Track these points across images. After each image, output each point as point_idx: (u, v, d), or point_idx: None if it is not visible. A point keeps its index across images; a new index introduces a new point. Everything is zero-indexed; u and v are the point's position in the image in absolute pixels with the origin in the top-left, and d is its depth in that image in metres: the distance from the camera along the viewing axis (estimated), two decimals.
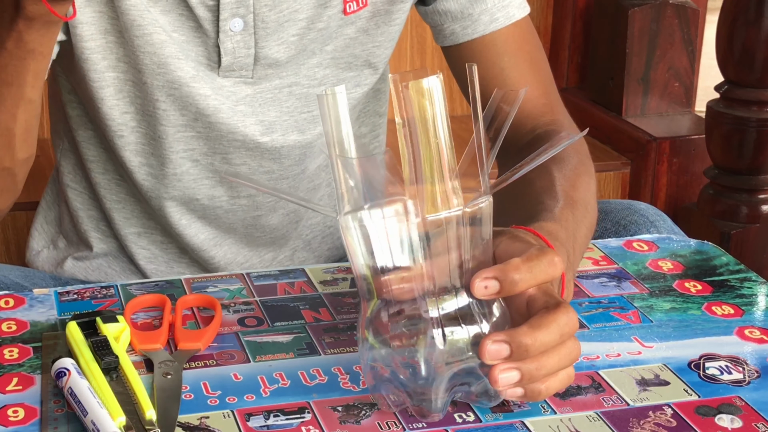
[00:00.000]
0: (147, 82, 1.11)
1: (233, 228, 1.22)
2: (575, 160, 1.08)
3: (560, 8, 2.56)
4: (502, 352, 0.77)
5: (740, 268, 1.06)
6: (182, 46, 1.11)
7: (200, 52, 1.12)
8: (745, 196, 2.20)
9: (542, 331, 0.78)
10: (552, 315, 0.79)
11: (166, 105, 1.12)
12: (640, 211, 1.18)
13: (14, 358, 0.89)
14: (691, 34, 2.40)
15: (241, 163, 1.16)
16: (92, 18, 1.09)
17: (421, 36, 2.37)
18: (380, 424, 0.81)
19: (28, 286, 1.11)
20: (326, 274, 1.04)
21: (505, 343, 0.77)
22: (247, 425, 0.81)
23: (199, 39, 1.11)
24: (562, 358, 0.79)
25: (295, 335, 0.93)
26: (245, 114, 1.14)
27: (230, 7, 1.09)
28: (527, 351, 0.77)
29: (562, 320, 0.78)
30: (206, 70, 1.12)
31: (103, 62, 1.11)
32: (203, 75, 1.12)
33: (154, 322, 0.95)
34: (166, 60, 1.10)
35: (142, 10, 1.08)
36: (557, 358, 0.79)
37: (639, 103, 2.42)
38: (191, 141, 1.15)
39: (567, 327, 0.79)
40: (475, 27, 1.17)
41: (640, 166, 2.34)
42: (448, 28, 1.18)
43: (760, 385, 0.87)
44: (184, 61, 1.11)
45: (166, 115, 1.12)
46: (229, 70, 1.12)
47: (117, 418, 0.78)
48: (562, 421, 0.82)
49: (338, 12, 1.13)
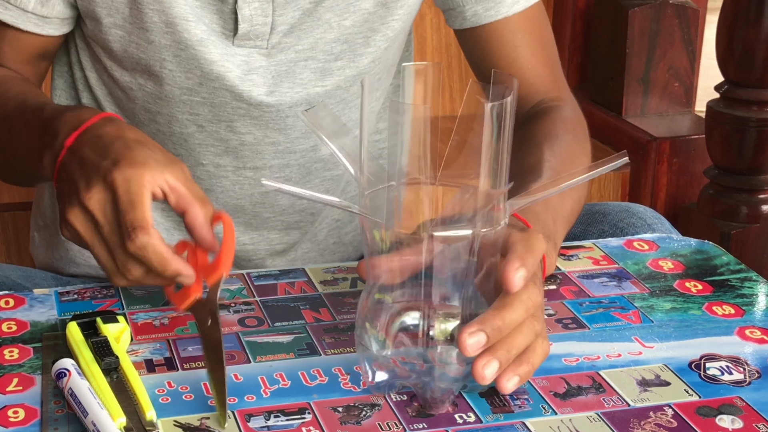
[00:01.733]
0: (154, 41, 1.11)
1: (240, 206, 1.22)
2: (569, 138, 1.12)
3: (560, 8, 2.56)
4: (480, 342, 0.81)
5: (741, 267, 1.06)
6: (195, 10, 1.10)
7: (214, 18, 1.11)
8: (745, 196, 2.20)
9: (508, 309, 0.82)
10: (514, 294, 0.82)
11: (172, 65, 1.12)
12: (638, 213, 1.18)
13: (14, 359, 0.89)
14: (691, 34, 2.40)
15: (246, 132, 1.16)
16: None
17: (422, 36, 2.37)
18: (381, 424, 0.81)
19: (29, 286, 1.11)
20: (326, 274, 1.04)
21: (480, 331, 0.81)
22: (247, 426, 0.81)
23: (214, 6, 1.11)
24: (526, 335, 0.83)
25: (296, 335, 0.93)
26: (255, 84, 1.13)
27: None
28: (500, 332, 0.81)
29: (524, 296, 0.83)
30: (219, 36, 1.12)
31: (108, 19, 1.12)
32: (215, 40, 1.11)
33: (154, 322, 0.95)
34: (174, 20, 1.10)
35: None
36: (521, 336, 0.83)
37: (639, 103, 2.42)
38: (196, 106, 1.15)
39: (530, 301, 0.83)
40: (498, 9, 1.19)
41: (640, 166, 2.34)
42: (470, 9, 1.19)
43: (760, 385, 0.87)
44: (194, 24, 1.11)
45: (172, 76, 1.13)
46: (245, 38, 1.12)
47: (117, 419, 0.78)
48: (562, 422, 0.82)
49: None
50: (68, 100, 1.25)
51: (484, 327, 0.81)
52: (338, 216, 1.29)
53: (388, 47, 1.19)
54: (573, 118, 1.18)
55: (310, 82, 1.16)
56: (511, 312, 0.82)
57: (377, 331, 0.82)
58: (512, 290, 0.82)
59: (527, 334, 0.83)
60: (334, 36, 1.15)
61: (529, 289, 0.83)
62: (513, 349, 0.82)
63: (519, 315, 0.82)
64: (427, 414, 0.82)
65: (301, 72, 1.15)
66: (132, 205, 0.88)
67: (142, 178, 0.89)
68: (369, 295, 0.83)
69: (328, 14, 1.13)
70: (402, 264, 0.82)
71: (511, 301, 0.82)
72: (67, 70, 1.24)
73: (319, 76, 1.16)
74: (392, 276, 0.82)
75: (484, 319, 0.81)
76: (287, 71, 1.14)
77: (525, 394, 0.85)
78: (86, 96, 1.23)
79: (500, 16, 1.19)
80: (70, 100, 1.24)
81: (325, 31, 1.14)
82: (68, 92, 1.25)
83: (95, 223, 0.90)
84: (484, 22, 1.20)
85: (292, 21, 1.13)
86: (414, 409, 0.83)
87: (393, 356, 0.82)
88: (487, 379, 0.81)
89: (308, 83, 1.16)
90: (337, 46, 1.15)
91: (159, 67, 1.13)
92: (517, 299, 0.82)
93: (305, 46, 1.14)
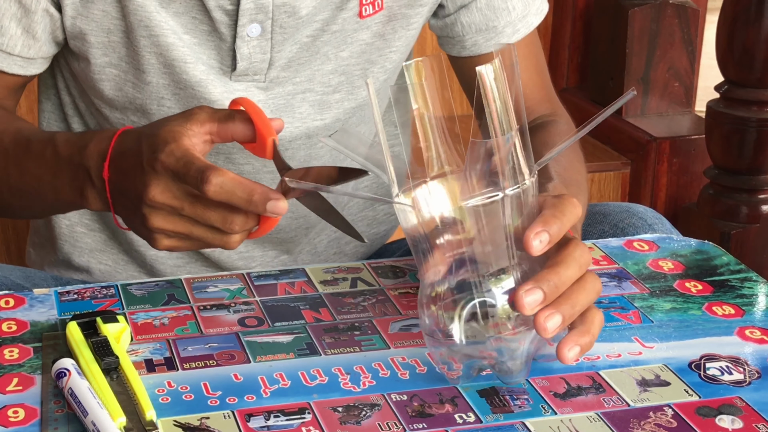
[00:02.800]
0: (151, 81, 1.11)
1: None
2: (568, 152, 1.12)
3: (560, 8, 2.56)
4: (538, 299, 0.80)
5: (741, 268, 1.06)
6: (193, 49, 1.10)
7: (212, 55, 1.11)
8: (745, 196, 2.20)
9: (562, 266, 0.82)
10: (565, 251, 0.83)
11: (171, 104, 1.12)
12: (638, 213, 1.18)
13: (14, 359, 0.89)
14: (691, 34, 2.40)
15: (245, 163, 1.16)
16: (96, 15, 1.09)
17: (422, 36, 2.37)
18: (381, 424, 0.81)
19: (29, 286, 1.11)
20: (326, 274, 1.04)
21: (537, 289, 0.80)
22: (247, 426, 0.81)
23: (212, 42, 1.11)
24: (589, 291, 0.83)
25: (296, 335, 0.93)
26: None
27: (249, 13, 1.08)
28: (557, 288, 0.81)
29: (575, 253, 0.83)
30: (218, 73, 1.12)
31: (103, 58, 1.11)
32: (214, 78, 1.12)
33: (154, 322, 0.95)
34: (173, 62, 1.10)
35: (152, 11, 1.08)
36: (584, 292, 0.83)
37: (639, 103, 2.42)
38: None
39: (582, 258, 0.83)
40: (498, 39, 1.19)
41: (640, 166, 2.34)
42: (470, 39, 1.19)
43: (760, 385, 0.87)
44: (192, 65, 1.10)
45: (169, 113, 1.12)
46: (243, 74, 1.12)
47: (117, 419, 0.78)
48: (562, 422, 0.82)
49: (353, 15, 1.13)
50: (57, 122, 1.24)
51: (540, 284, 0.80)
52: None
53: (386, 79, 1.19)
54: (568, 131, 1.19)
55: (309, 116, 1.16)
56: (566, 269, 0.82)
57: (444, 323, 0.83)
58: (531, 253, 0.81)
59: (590, 291, 0.83)
60: (331, 67, 1.15)
61: (580, 246, 0.83)
62: (577, 305, 0.82)
63: (573, 272, 0.82)
64: (427, 414, 0.83)
65: (300, 105, 1.15)
66: (187, 164, 0.88)
67: (180, 143, 0.89)
68: (427, 290, 0.84)
69: (325, 47, 1.14)
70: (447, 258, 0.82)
71: (563, 258, 0.82)
72: (54, 93, 1.23)
73: (317, 109, 1.16)
74: (439, 272, 0.83)
75: (539, 277, 0.81)
76: (285, 104, 1.14)
77: (525, 394, 0.85)
78: (76, 122, 1.22)
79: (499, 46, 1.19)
80: (59, 122, 1.24)
81: (322, 63, 1.14)
82: (56, 114, 1.24)
83: (173, 210, 0.90)
84: (484, 51, 1.19)
85: (290, 55, 1.12)
86: (414, 409, 0.83)
87: (466, 344, 0.83)
88: (548, 329, 0.80)
89: (307, 117, 1.16)
90: (335, 78, 1.15)
91: (156, 105, 1.13)
92: (569, 256, 0.82)
93: (302, 78, 1.14)
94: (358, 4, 1.12)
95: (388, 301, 0.99)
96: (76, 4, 1.09)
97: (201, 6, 1.09)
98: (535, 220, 0.82)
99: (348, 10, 1.12)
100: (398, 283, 1.02)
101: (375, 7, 1.13)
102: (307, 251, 1.28)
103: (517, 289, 0.81)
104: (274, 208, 0.87)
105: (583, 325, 0.83)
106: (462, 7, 1.18)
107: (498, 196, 0.81)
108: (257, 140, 0.92)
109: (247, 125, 0.92)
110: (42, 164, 1.01)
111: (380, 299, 0.99)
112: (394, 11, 1.15)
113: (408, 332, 0.94)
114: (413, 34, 1.18)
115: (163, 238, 0.92)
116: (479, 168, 0.80)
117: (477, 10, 1.18)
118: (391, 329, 0.94)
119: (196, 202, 0.89)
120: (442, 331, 0.83)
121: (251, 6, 1.08)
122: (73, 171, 0.98)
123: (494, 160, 0.80)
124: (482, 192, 0.81)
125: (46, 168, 1.01)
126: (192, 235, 0.91)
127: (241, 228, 0.90)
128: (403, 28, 1.16)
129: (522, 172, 0.82)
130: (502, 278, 0.82)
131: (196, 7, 1.09)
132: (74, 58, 1.15)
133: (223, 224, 0.89)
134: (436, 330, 0.84)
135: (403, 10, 1.15)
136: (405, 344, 0.92)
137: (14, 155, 1.04)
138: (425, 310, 0.84)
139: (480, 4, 1.18)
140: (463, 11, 1.18)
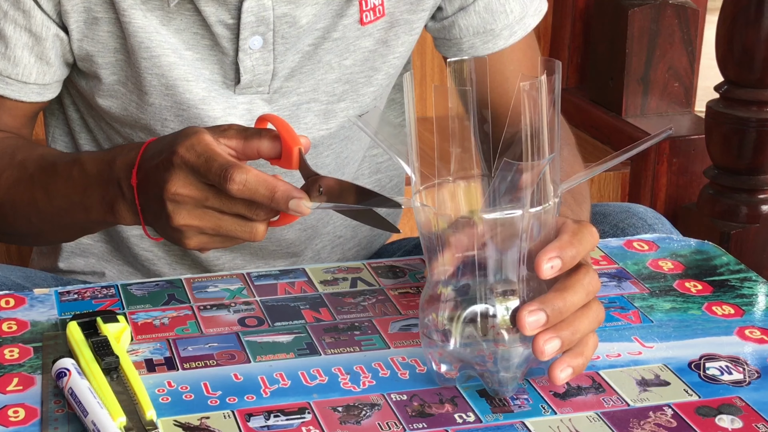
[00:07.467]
0: (154, 103, 1.11)
1: (247, 243, 1.21)
2: (566, 151, 1.12)
3: (560, 8, 2.56)
4: (540, 321, 0.80)
5: (740, 267, 1.06)
6: (195, 65, 1.10)
7: (215, 69, 1.11)
8: (745, 196, 2.20)
9: (569, 292, 0.81)
10: (575, 276, 0.82)
11: (174, 124, 1.12)
12: (638, 214, 1.18)
13: (15, 358, 0.89)
14: (691, 34, 2.40)
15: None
16: (101, 37, 1.09)
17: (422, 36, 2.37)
18: (380, 424, 0.81)
19: (29, 286, 1.11)
20: (326, 273, 1.04)
21: (541, 311, 0.80)
22: (247, 425, 0.81)
23: (214, 57, 1.10)
24: (591, 320, 0.83)
25: (296, 335, 0.93)
26: None
27: (251, 26, 1.08)
28: (561, 313, 0.81)
29: (585, 280, 0.82)
30: (221, 87, 1.12)
31: (112, 77, 1.11)
32: (216, 96, 1.11)
33: (154, 322, 0.95)
34: (174, 83, 1.10)
35: (151, 32, 1.08)
36: (587, 320, 0.83)
37: (639, 103, 2.42)
38: None
39: (591, 286, 0.83)
40: (495, 41, 1.19)
41: (640, 166, 2.34)
42: (467, 42, 1.19)
43: (760, 385, 0.87)
44: (194, 83, 1.10)
45: None
46: (247, 87, 1.11)
47: (117, 419, 0.78)
48: (562, 422, 0.82)
49: (354, 22, 1.13)
50: (63, 136, 1.24)
51: (545, 306, 0.80)
52: (340, 233, 1.29)
53: (389, 84, 1.19)
54: (566, 137, 1.19)
55: (314, 126, 1.16)
56: (572, 294, 0.81)
57: (442, 323, 0.83)
58: (541, 277, 0.81)
59: (593, 320, 0.83)
60: (335, 76, 1.14)
61: (590, 273, 0.83)
62: (578, 333, 0.82)
63: (580, 298, 0.82)
64: (427, 414, 0.83)
65: (305, 116, 1.15)
66: (209, 159, 0.88)
67: (201, 137, 0.89)
68: (431, 289, 0.84)
69: (328, 56, 1.13)
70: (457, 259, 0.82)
71: (572, 283, 0.82)
72: (59, 108, 1.23)
73: (322, 119, 1.16)
74: (447, 271, 0.83)
75: (545, 299, 0.81)
76: (290, 115, 1.14)
77: (525, 394, 0.85)
78: (84, 137, 1.22)
79: (497, 49, 1.19)
80: (65, 136, 1.24)
81: (326, 72, 1.14)
82: (62, 128, 1.23)
83: (197, 202, 0.90)
84: (479, 54, 1.19)
85: (293, 65, 1.12)
86: (414, 409, 0.83)
87: (461, 347, 0.83)
88: (546, 353, 0.81)
89: (312, 127, 1.15)
90: (339, 87, 1.15)
91: (161, 126, 1.13)
92: (578, 282, 0.82)
93: (307, 88, 1.14)
94: (358, 11, 1.12)
95: (388, 301, 0.99)
96: (81, 27, 1.09)
97: (202, 21, 1.08)
98: (551, 243, 0.82)
99: (348, 17, 1.12)
100: (398, 283, 1.02)
101: (376, 14, 1.13)
102: (310, 258, 1.28)
103: (521, 307, 0.81)
104: (297, 207, 0.88)
105: (577, 347, 0.83)
106: (460, 10, 1.18)
107: (519, 213, 0.80)
108: (283, 153, 0.92)
109: (274, 142, 0.92)
110: (70, 185, 1.01)
111: (380, 299, 0.99)
112: (396, 17, 1.15)
113: (408, 332, 0.94)
114: (415, 38, 1.18)
115: (192, 236, 0.92)
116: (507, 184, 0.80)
117: (475, 13, 1.18)
118: (391, 329, 0.94)
119: (220, 192, 0.89)
120: (439, 331, 0.83)
121: (252, 19, 1.08)
122: (103, 186, 0.98)
123: (524, 179, 0.80)
124: (504, 207, 0.80)
125: (74, 188, 1.00)
126: (220, 229, 0.91)
127: (266, 216, 0.90)
128: (406, 33, 1.16)
129: (546, 192, 0.82)
130: (507, 290, 0.82)
131: (197, 22, 1.09)
132: (81, 77, 1.14)
133: (248, 211, 0.90)
134: (433, 329, 0.84)
135: (405, 16, 1.15)
136: (405, 344, 0.92)
137: (40, 180, 1.04)
138: (426, 308, 0.84)
139: (478, 7, 1.18)
140: (461, 14, 1.18)
